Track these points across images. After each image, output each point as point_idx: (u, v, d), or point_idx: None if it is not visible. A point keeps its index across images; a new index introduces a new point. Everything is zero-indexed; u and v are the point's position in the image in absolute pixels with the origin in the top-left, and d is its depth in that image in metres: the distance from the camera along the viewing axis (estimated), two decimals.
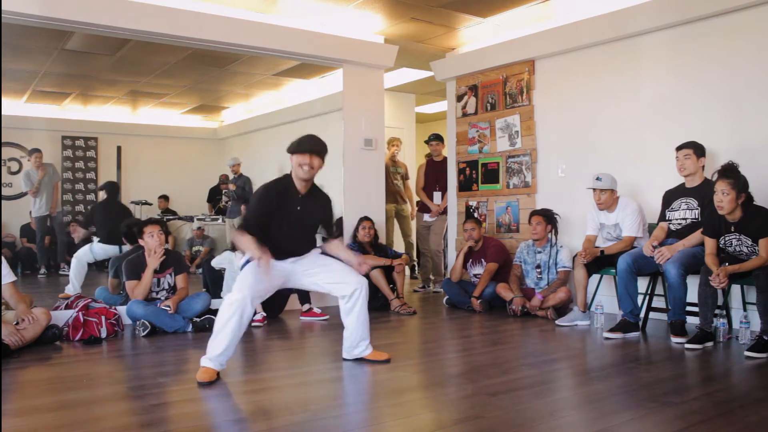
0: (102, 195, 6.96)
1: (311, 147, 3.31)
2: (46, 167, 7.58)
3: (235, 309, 3.11)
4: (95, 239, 6.10)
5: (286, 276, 3.41)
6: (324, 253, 3.53)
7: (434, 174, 6.85)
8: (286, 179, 3.38)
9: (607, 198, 4.67)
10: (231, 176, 8.22)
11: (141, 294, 4.43)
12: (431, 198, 6.83)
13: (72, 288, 5.53)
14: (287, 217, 3.32)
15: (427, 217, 6.88)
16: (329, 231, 3.55)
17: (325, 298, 5.59)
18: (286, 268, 3.38)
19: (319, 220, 3.48)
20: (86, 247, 5.87)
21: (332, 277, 3.42)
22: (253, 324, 4.65)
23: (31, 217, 7.94)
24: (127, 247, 5.58)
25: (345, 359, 3.53)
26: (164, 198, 8.52)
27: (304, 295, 5.16)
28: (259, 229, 3.23)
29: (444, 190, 6.78)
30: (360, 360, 3.51)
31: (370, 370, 3.42)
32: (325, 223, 3.52)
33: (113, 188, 6.77)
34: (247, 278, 3.21)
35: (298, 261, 3.41)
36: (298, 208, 3.35)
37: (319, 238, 3.62)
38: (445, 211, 6.78)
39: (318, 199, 3.46)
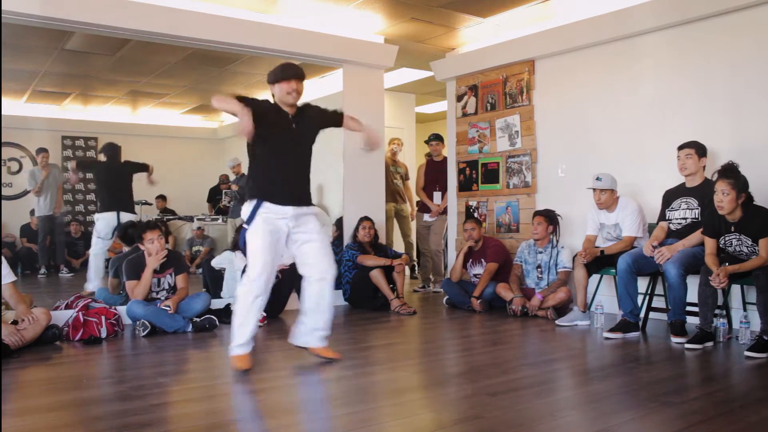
0: (101, 158, 6.67)
1: (296, 72, 3.34)
2: (51, 167, 7.59)
3: (256, 293, 3.21)
4: (96, 217, 6.03)
5: (284, 235, 3.32)
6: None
7: (434, 174, 6.85)
8: (273, 105, 3.37)
9: (607, 198, 4.67)
10: (232, 177, 8.21)
11: (141, 294, 4.43)
12: (431, 198, 6.83)
13: (92, 285, 5.49)
14: (284, 136, 3.28)
15: (427, 217, 6.88)
16: (336, 119, 3.53)
17: None
18: (286, 224, 3.30)
19: (320, 125, 3.48)
20: (93, 238, 5.80)
21: (312, 253, 3.36)
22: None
23: (31, 217, 7.95)
24: (127, 216, 5.67)
25: (290, 343, 3.54)
26: (162, 198, 8.51)
27: None
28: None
29: (444, 190, 6.78)
30: (306, 349, 3.51)
31: (370, 370, 3.42)
32: (328, 120, 3.51)
33: (114, 150, 6.36)
34: (257, 255, 3.22)
35: (298, 218, 3.32)
36: (294, 125, 3.34)
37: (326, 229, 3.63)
38: (445, 211, 6.78)
39: (308, 112, 3.46)
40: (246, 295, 3.24)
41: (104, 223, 5.76)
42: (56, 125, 8.48)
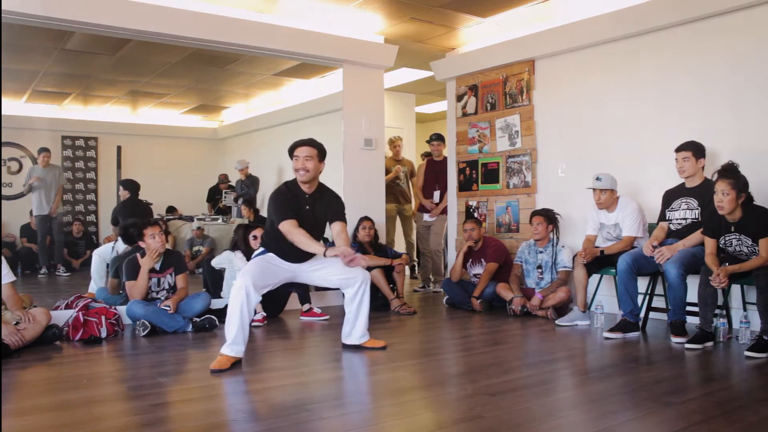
0: (124, 194, 6.96)
1: (300, 142, 3.58)
2: (52, 168, 7.64)
3: (237, 294, 3.36)
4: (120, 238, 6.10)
5: (294, 272, 3.66)
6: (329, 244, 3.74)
7: (434, 174, 6.85)
8: (292, 183, 3.63)
9: (607, 198, 4.67)
10: (236, 177, 8.23)
11: (138, 294, 4.43)
12: (431, 197, 6.82)
13: (95, 285, 5.50)
14: (299, 216, 3.52)
15: (426, 216, 6.87)
16: (337, 218, 3.70)
17: (325, 298, 5.60)
18: (293, 265, 3.64)
19: (329, 214, 3.68)
20: (108, 245, 5.83)
21: (338, 271, 3.64)
22: (253, 324, 4.65)
23: (30, 217, 7.95)
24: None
25: (344, 344, 3.85)
26: (173, 209, 8.51)
27: (304, 295, 5.16)
28: (292, 214, 3.48)
29: (443, 189, 6.77)
30: (358, 348, 3.80)
31: (370, 370, 3.43)
32: (334, 214, 3.69)
33: (135, 186, 6.72)
34: (252, 267, 3.48)
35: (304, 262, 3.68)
36: (307, 207, 3.58)
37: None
38: (444, 211, 6.78)
39: (326, 196, 3.70)
40: (234, 295, 3.40)
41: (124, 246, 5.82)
42: (56, 125, 8.48)
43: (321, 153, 3.61)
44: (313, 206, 3.61)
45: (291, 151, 3.59)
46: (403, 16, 5.56)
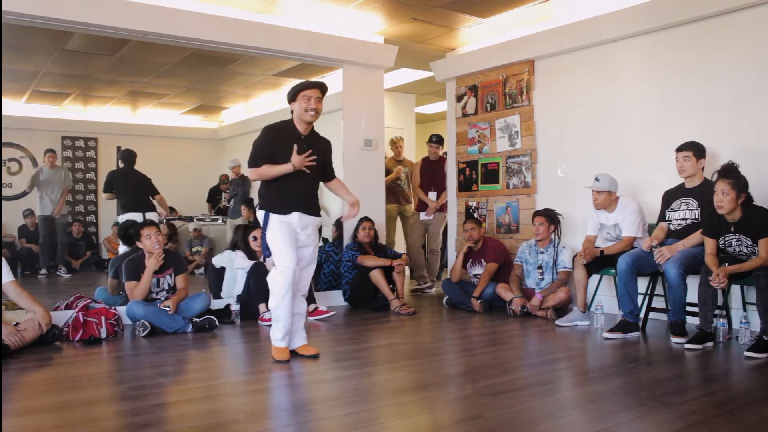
0: (120, 164, 6.62)
1: (316, 83, 3.55)
2: (60, 169, 7.61)
3: (287, 285, 3.39)
4: (119, 218, 6.03)
5: (296, 232, 3.54)
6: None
7: (430, 174, 6.83)
8: (288, 122, 3.57)
9: (604, 199, 4.66)
10: (231, 177, 8.22)
11: (140, 295, 4.43)
12: (427, 197, 6.81)
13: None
14: (294, 153, 3.47)
15: (423, 215, 6.85)
16: (329, 172, 3.74)
17: (327, 298, 5.59)
18: (295, 220, 3.50)
19: (321, 161, 3.62)
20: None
21: (302, 260, 3.57)
22: (262, 324, 4.66)
23: (24, 218, 7.96)
24: (152, 215, 5.76)
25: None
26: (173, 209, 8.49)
27: (309, 295, 5.15)
28: (266, 160, 3.46)
29: (439, 189, 6.75)
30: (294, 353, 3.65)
31: (370, 370, 3.43)
32: (326, 163, 3.69)
33: (131, 156, 6.42)
34: (280, 249, 3.42)
35: (303, 225, 3.54)
36: (304, 146, 3.51)
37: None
38: (442, 209, 6.76)
39: (320, 139, 3.66)
40: (280, 288, 3.40)
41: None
42: (56, 125, 8.49)
43: (325, 94, 3.62)
44: (308, 145, 3.53)
45: (299, 91, 3.47)
46: (403, 16, 5.56)
